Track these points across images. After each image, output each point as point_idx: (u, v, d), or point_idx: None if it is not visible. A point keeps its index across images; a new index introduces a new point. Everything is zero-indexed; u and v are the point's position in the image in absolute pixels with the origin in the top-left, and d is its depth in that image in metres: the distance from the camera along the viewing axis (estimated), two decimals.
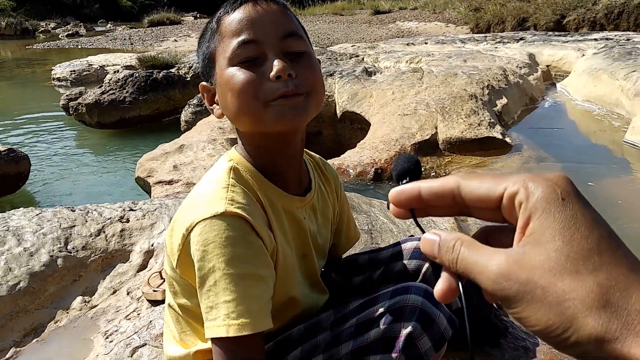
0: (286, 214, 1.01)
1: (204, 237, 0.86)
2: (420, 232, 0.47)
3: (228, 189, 0.91)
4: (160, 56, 7.46)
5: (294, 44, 0.93)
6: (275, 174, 1.00)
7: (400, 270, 1.19)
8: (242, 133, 1.01)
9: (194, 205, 0.92)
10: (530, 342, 1.59)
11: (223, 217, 0.86)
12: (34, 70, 12.57)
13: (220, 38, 0.93)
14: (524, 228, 0.38)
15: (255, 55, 0.90)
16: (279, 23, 0.92)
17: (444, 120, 4.12)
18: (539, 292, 0.34)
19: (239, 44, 0.90)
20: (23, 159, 4.37)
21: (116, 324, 1.73)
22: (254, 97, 0.89)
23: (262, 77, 0.89)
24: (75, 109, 6.31)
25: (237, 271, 0.85)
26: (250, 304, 0.85)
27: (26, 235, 2.06)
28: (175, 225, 0.94)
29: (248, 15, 0.91)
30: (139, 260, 2.08)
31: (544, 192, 0.37)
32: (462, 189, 0.42)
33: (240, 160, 0.99)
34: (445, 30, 13.91)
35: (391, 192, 0.47)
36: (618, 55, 5.90)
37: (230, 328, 0.83)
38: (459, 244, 0.41)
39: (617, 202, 3.20)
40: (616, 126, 4.79)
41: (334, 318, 1.03)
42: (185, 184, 3.33)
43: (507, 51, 7.15)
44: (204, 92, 1.01)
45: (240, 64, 0.90)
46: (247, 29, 0.90)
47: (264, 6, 0.92)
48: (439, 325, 0.95)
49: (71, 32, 22.88)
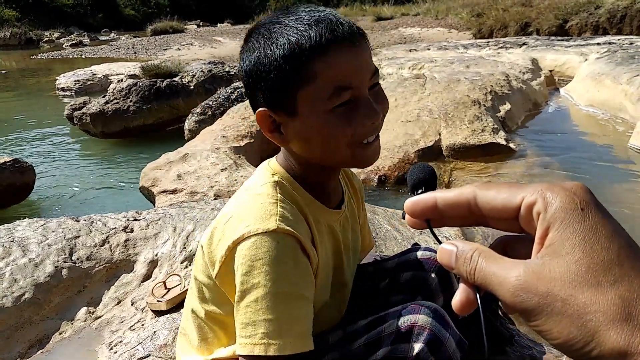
0: (326, 229, 1.01)
1: (253, 252, 0.84)
2: (436, 242, 0.46)
3: (277, 205, 0.90)
4: (164, 65, 7.49)
5: (376, 79, 0.93)
6: (316, 188, 1.00)
7: (407, 281, 1.19)
8: (295, 156, 0.98)
9: (240, 217, 0.90)
10: (537, 350, 1.58)
11: (274, 235, 0.85)
12: (39, 80, 12.65)
13: (313, 76, 0.85)
14: (543, 239, 0.37)
15: (350, 99, 0.88)
16: (368, 63, 0.90)
17: (447, 126, 4.11)
18: (559, 304, 0.34)
19: (336, 90, 0.86)
20: (28, 170, 4.38)
21: (120, 335, 1.73)
22: (346, 145, 0.89)
23: (356, 123, 0.88)
24: (80, 119, 6.34)
25: (283, 290, 0.84)
26: (293, 325, 0.84)
27: (31, 246, 2.06)
28: (218, 235, 0.92)
29: (348, 60, 0.86)
30: (143, 270, 2.08)
31: (563, 202, 0.36)
32: (479, 199, 0.41)
33: (284, 175, 0.98)
34: (448, 36, 13.93)
35: (407, 202, 0.46)
36: (621, 60, 5.90)
37: (270, 347, 0.81)
38: (476, 254, 0.40)
39: (624, 206, 3.19)
40: (620, 131, 4.77)
41: (342, 336, 1.02)
42: (189, 193, 3.34)
43: (510, 56, 7.16)
44: (264, 119, 0.93)
45: (334, 110, 0.87)
46: (346, 75, 0.86)
47: (358, 47, 0.88)
48: (448, 348, 0.94)
49: (75, 41, 23.04)
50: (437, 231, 2.33)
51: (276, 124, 0.93)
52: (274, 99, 0.90)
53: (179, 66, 7.57)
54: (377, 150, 0.94)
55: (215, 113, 5.47)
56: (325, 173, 1.00)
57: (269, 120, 0.93)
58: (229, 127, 4.44)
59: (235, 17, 35.64)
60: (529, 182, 2.91)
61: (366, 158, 0.92)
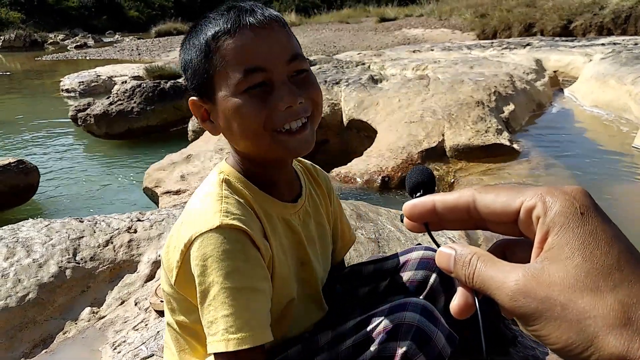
0: (281, 222, 1.01)
1: (202, 252, 0.85)
2: (435, 245, 0.46)
3: (222, 201, 0.91)
4: (168, 66, 7.52)
5: (297, 65, 0.92)
6: (266, 183, 1.00)
7: (407, 281, 1.18)
8: (234, 148, 1.00)
9: (189, 221, 0.92)
10: (540, 351, 1.57)
11: (220, 230, 0.86)
12: (43, 82, 12.71)
13: (223, 61, 0.89)
14: (542, 243, 0.37)
15: (262, 82, 0.89)
16: (284, 47, 0.91)
17: (450, 127, 4.11)
18: (559, 309, 0.34)
19: (246, 72, 0.87)
20: (32, 171, 4.40)
21: (124, 335, 1.73)
22: (262, 127, 0.89)
23: (270, 106, 0.88)
24: (84, 120, 6.36)
25: (235, 285, 0.85)
26: (248, 318, 0.85)
27: (35, 247, 2.07)
28: (172, 242, 0.94)
29: (253, 42, 0.88)
30: (147, 270, 2.08)
31: (562, 206, 0.36)
32: (478, 203, 0.41)
33: (231, 172, 0.99)
34: (452, 37, 13.91)
35: (405, 205, 0.46)
36: (626, 60, 5.88)
37: (230, 343, 0.83)
38: (475, 258, 0.40)
39: (628, 207, 3.18)
40: (625, 131, 4.76)
41: (331, 338, 1.01)
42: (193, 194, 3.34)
43: (514, 57, 7.14)
44: (196, 108, 0.97)
45: (246, 92, 0.88)
46: (253, 57, 0.88)
47: (267, 29, 0.89)
48: (436, 344, 0.93)
49: (79, 43, 23.11)
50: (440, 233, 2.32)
51: (207, 112, 0.97)
52: (198, 87, 0.94)
53: None
54: (305, 140, 0.93)
55: None
56: (269, 166, 1.00)
57: (202, 109, 0.97)
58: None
59: None
60: (534, 182, 2.90)
61: (291, 146, 0.92)
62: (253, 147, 0.94)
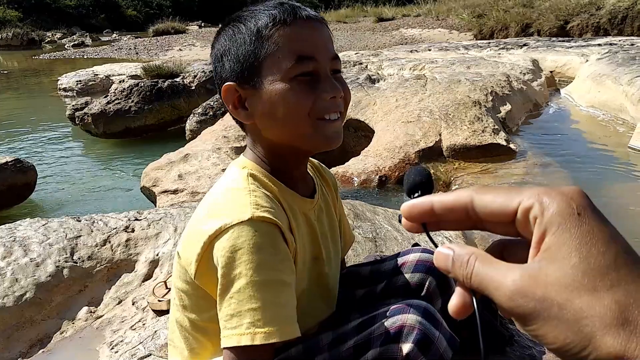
0: (302, 217, 1.02)
1: (231, 244, 0.84)
2: (432, 246, 0.46)
3: (250, 194, 0.91)
4: (165, 65, 7.51)
5: (337, 64, 0.98)
6: (287, 179, 1.01)
7: (404, 284, 1.18)
8: (261, 140, 1.00)
9: (214, 214, 0.91)
10: (537, 350, 1.58)
11: (251, 223, 0.86)
12: (41, 81, 12.68)
13: (276, 47, 0.91)
14: (539, 243, 0.37)
15: (311, 71, 0.92)
16: (329, 44, 0.97)
17: (447, 127, 4.12)
18: (556, 309, 0.34)
19: (299, 59, 0.91)
20: (30, 169, 4.40)
21: (121, 335, 1.73)
22: (307, 114, 0.92)
23: (316, 95, 0.92)
24: (81, 119, 6.35)
25: (264, 278, 0.84)
26: (277, 312, 0.84)
27: (32, 246, 2.07)
28: (192, 237, 0.93)
29: (308, 32, 0.93)
30: (144, 270, 2.09)
31: (559, 206, 0.36)
32: (476, 204, 0.41)
33: (254, 167, 0.99)
34: (449, 37, 13.93)
35: (403, 206, 0.46)
36: (622, 61, 5.89)
37: (257, 336, 0.81)
38: (473, 258, 0.40)
39: (624, 207, 3.19)
40: (621, 132, 4.77)
41: (332, 338, 1.01)
42: (190, 193, 3.34)
43: (511, 57, 7.16)
44: (230, 94, 0.97)
45: (296, 78, 0.91)
46: (307, 46, 0.92)
47: (318, 25, 0.95)
48: (438, 347, 0.93)
49: (77, 42, 23.07)
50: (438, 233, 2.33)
51: (241, 99, 0.96)
52: (241, 72, 0.95)
53: (180, 67, 7.59)
54: (339, 131, 0.97)
55: (217, 113, 5.48)
56: (292, 157, 1.01)
57: (235, 95, 0.97)
58: (230, 127, 4.45)
59: None
60: (531, 182, 2.91)
61: (328, 135, 0.95)
62: (292, 134, 0.95)
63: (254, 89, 0.94)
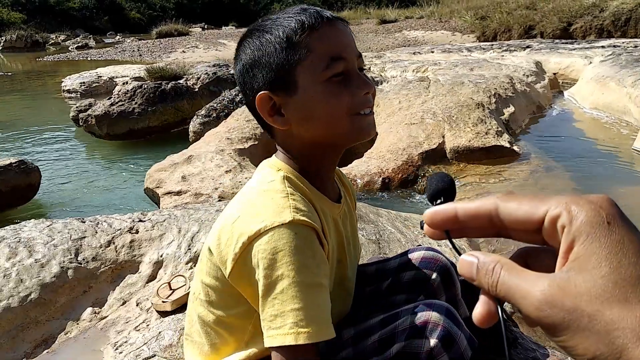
0: (332, 221, 1.04)
1: (272, 246, 0.86)
2: (455, 253, 0.46)
3: (289, 198, 0.92)
4: (169, 67, 7.53)
5: (362, 62, 1.00)
6: (318, 183, 1.03)
7: (409, 281, 1.20)
8: (294, 144, 1.01)
9: (252, 214, 0.91)
10: (540, 352, 1.58)
11: (291, 226, 0.87)
12: (44, 83, 12.72)
13: (307, 51, 0.93)
14: (568, 252, 0.36)
15: (343, 71, 0.94)
16: (354, 43, 0.99)
17: (451, 129, 4.12)
18: (586, 320, 0.33)
19: (332, 60, 0.93)
20: (34, 171, 4.41)
21: (126, 335, 1.74)
22: (345, 112, 0.94)
23: (352, 92, 0.94)
24: (85, 121, 6.37)
25: (305, 279, 0.86)
26: (317, 313, 0.86)
27: (37, 247, 2.08)
28: (226, 235, 0.93)
29: (336, 34, 0.95)
30: (148, 271, 2.09)
31: (588, 215, 0.36)
32: (501, 211, 0.41)
33: (289, 169, 1.00)
34: (452, 39, 13.93)
35: (426, 213, 0.46)
36: (626, 63, 5.88)
37: (300, 336, 0.84)
38: (498, 267, 0.40)
39: (628, 209, 3.18)
40: (625, 134, 4.76)
41: (354, 333, 1.04)
42: (194, 195, 3.35)
43: (514, 59, 7.15)
44: (264, 103, 0.97)
45: (330, 80, 0.93)
46: (337, 47, 0.94)
47: (342, 26, 0.98)
48: (460, 345, 0.96)
49: (81, 44, 23.13)
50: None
51: (276, 107, 0.97)
52: (274, 80, 0.95)
53: (183, 68, 7.61)
54: (372, 124, 0.99)
55: (220, 115, 5.49)
56: (326, 158, 1.02)
57: (269, 104, 0.97)
58: (233, 129, 4.46)
59: (239, 20, 35.66)
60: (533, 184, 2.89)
61: (366, 128, 0.97)
62: (332, 132, 0.96)
63: (289, 95, 0.95)
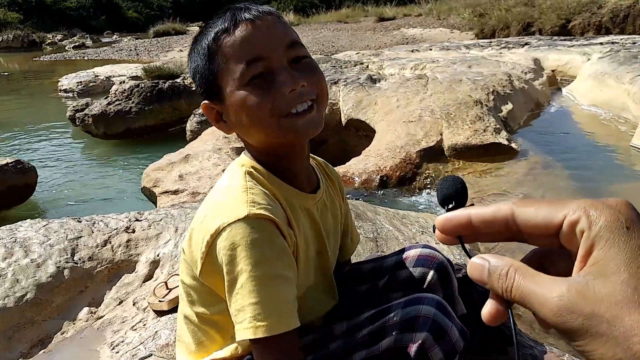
0: (303, 212, 1.04)
1: (230, 241, 0.87)
2: (467, 257, 0.45)
3: (247, 192, 0.93)
4: (166, 66, 7.51)
5: (296, 52, 0.95)
6: (287, 175, 1.02)
7: (405, 278, 1.20)
8: (250, 142, 1.02)
9: (214, 212, 0.93)
10: (538, 350, 1.57)
11: (247, 220, 0.88)
12: (41, 82, 12.69)
13: (224, 60, 0.92)
14: (586, 257, 0.36)
15: (263, 71, 0.91)
16: (279, 35, 0.94)
17: (449, 126, 4.11)
18: (605, 326, 0.33)
19: (247, 64, 0.90)
20: (30, 170, 4.40)
21: (122, 335, 1.73)
22: (269, 115, 0.91)
23: (274, 93, 0.90)
24: (82, 120, 6.35)
25: (263, 273, 0.87)
26: (275, 305, 0.87)
27: (33, 247, 2.07)
28: (195, 235, 0.95)
29: (249, 34, 0.91)
30: (145, 270, 2.08)
31: (607, 220, 0.35)
32: (517, 216, 0.41)
33: (252, 164, 1.01)
34: (450, 37, 13.92)
35: (438, 219, 0.45)
36: (624, 59, 5.88)
37: (258, 330, 0.85)
38: (512, 271, 0.39)
39: None
40: (623, 130, 4.76)
41: (346, 328, 1.05)
42: (191, 194, 3.34)
43: (512, 56, 7.15)
44: (208, 111, 1.00)
45: (250, 83, 0.91)
46: (252, 48, 0.91)
47: (263, 22, 0.93)
48: (451, 337, 0.97)
49: (78, 43, 23.11)
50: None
51: (220, 113, 0.99)
52: (207, 90, 0.98)
53: (181, 67, 7.58)
54: (313, 120, 0.94)
55: None
56: (287, 155, 1.01)
57: (213, 112, 1.00)
58: None
59: None
60: (532, 181, 2.89)
61: (299, 127, 0.92)
62: (264, 136, 0.95)
63: (221, 103, 0.97)
